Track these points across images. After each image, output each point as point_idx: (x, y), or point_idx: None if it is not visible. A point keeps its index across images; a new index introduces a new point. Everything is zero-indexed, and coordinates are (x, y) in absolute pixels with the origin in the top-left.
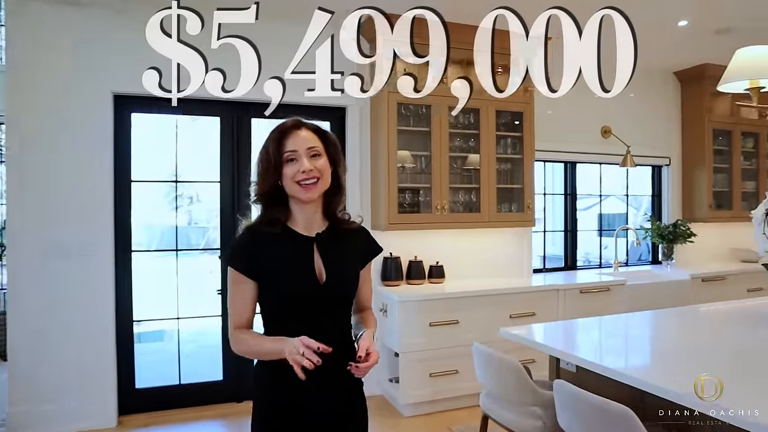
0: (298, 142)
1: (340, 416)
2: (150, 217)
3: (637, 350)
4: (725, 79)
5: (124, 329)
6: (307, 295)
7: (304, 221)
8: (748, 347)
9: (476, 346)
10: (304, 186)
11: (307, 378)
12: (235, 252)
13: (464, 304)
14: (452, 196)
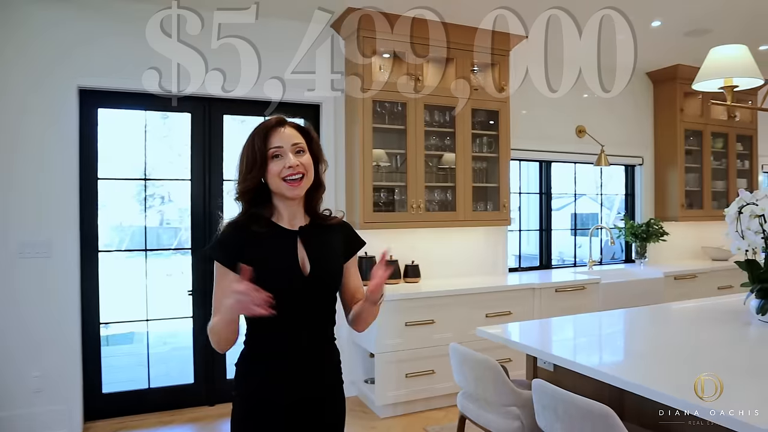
0: (283, 138)
1: (325, 399)
2: (120, 217)
3: (615, 348)
4: (699, 78)
5: (91, 332)
6: (291, 287)
7: (288, 217)
8: (720, 343)
9: (453, 346)
10: (289, 182)
11: (290, 365)
12: (219, 245)
13: (440, 303)
14: (428, 194)
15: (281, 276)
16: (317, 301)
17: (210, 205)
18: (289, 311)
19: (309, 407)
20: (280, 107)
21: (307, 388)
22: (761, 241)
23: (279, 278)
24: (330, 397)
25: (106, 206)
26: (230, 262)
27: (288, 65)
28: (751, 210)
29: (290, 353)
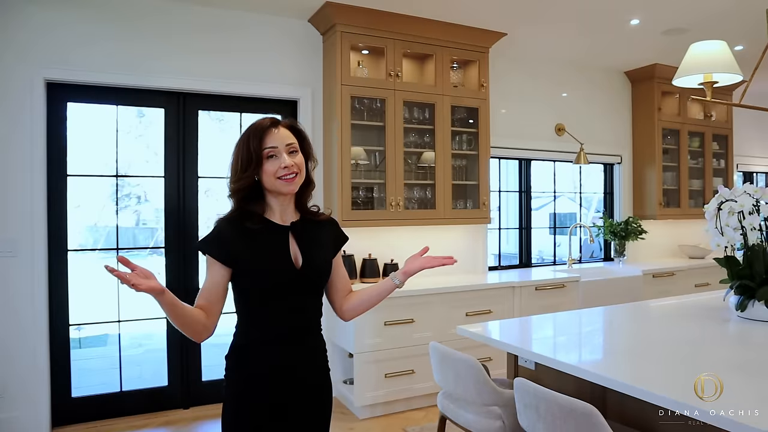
0: (277, 139)
1: (314, 386)
2: (96, 217)
3: (596, 346)
4: (680, 73)
5: (60, 334)
6: (284, 279)
7: (280, 212)
8: (702, 340)
9: (433, 345)
10: (285, 180)
11: (280, 356)
12: (209, 239)
13: (420, 302)
14: (407, 192)
15: (275, 269)
16: (308, 293)
17: (185, 203)
18: (281, 302)
19: (298, 392)
20: (257, 103)
21: (297, 374)
22: (740, 237)
23: (273, 272)
24: (318, 383)
25: (82, 206)
26: (220, 255)
27: (265, 60)
28: (730, 207)
29: (281, 342)
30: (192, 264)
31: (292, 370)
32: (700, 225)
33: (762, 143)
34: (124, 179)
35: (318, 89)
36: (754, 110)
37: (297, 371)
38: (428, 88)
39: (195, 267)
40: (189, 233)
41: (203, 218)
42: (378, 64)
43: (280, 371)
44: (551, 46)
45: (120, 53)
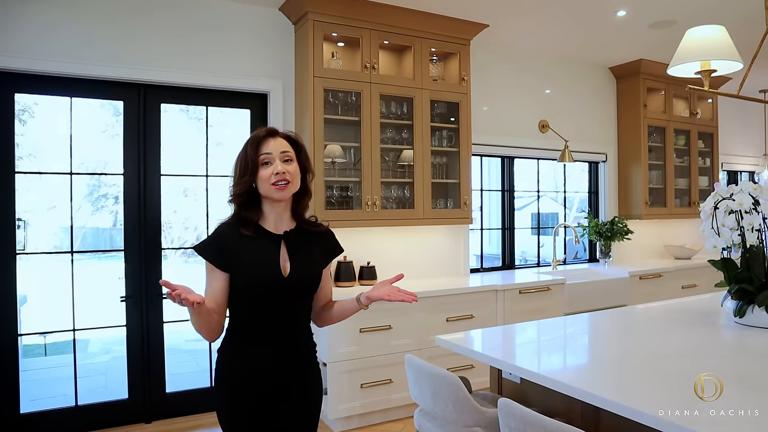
0: (272, 146)
1: (303, 393)
2: (71, 218)
3: (587, 358)
4: (675, 61)
5: (6, 344)
6: (269, 286)
7: (274, 220)
8: (701, 349)
9: (408, 358)
10: (277, 186)
11: (268, 362)
12: (206, 244)
13: (398, 307)
14: (384, 191)
15: (262, 276)
16: (294, 300)
17: (146, 202)
18: (269, 308)
19: (286, 393)
20: (224, 96)
21: (285, 375)
22: (737, 238)
23: (260, 278)
24: (307, 384)
25: (57, 206)
26: (217, 261)
27: (233, 51)
28: (727, 205)
29: (269, 345)
30: (155, 267)
31: (277, 372)
32: (687, 225)
33: (746, 142)
34: (96, 178)
35: (290, 82)
36: (738, 108)
37: (283, 374)
38: (406, 81)
39: (157, 271)
40: (151, 235)
41: (181, 219)
42: (353, 56)
43: (264, 372)
44: (535, 39)
45: (72, 40)
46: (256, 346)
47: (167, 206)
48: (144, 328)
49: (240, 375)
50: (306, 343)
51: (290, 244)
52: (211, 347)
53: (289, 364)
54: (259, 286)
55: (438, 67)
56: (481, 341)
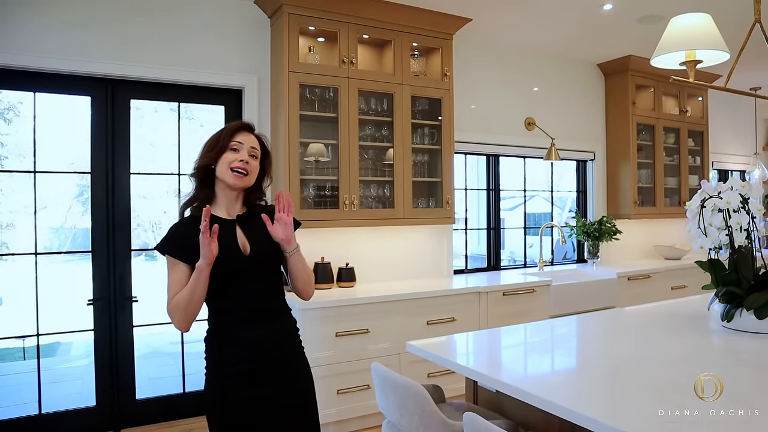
0: (246, 139)
1: (285, 364)
2: (62, 218)
3: (568, 367)
4: (659, 51)
5: None
6: (235, 266)
7: (226, 206)
8: (688, 357)
9: (375, 367)
10: (235, 173)
11: (247, 337)
12: (167, 240)
13: (376, 310)
14: (363, 189)
15: (226, 259)
16: (262, 276)
17: (114, 202)
18: (239, 288)
19: (269, 367)
20: (197, 92)
21: (265, 351)
22: (725, 238)
23: (225, 261)
24: (287, 359)
25: (48, 207)
26: (176, 253)
27: (207, 45)
28: (714, 204)
29: (246, 324)
30: (125, 269)
31: (261, 348)
32: (676, 225)
33: (736, 140)
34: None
35: (265, 77)
36: (729, 106)
37: (263, 349)
38: (386, 76)
39: (128, 273)
40: (120, 236)
41: (170, 219)
42: (332, 51)
43: (249, 351)
44: (520, 34)
45: (35, 33)
46: (238, 326)
47: (157, 206)
48: (112, 332)
49: (229, 355)
50: (288, 319)
51: (244, 226)
52: (184, 351)
53: (273, 341)
54: (224, 269)
55: (420, 63)
56: (455, 348)
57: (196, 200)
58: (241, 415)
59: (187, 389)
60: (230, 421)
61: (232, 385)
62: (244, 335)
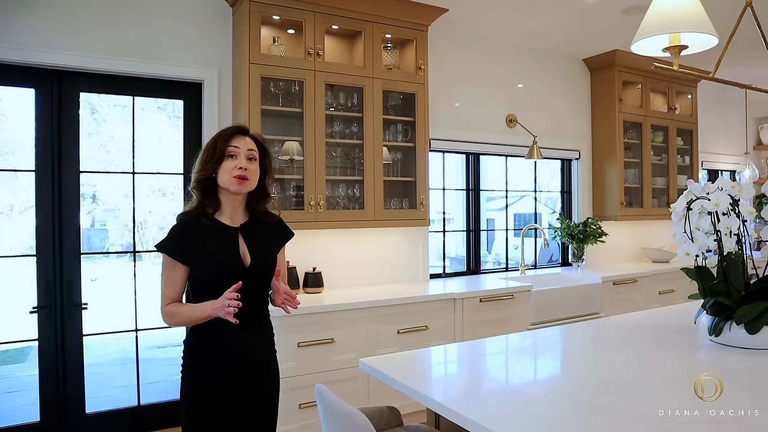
0: (241, 143)
1: (263, 369)
2: None
3: (535, 392)
4: (640, 35)
5: None
6: (234, 275)
7: (230, 213)
8: (672, 379)
9: (318, 389)
10: (237, 179)
11: (232, 341)
12: (169, 240)
13: (342, 318)
14: (331, 190)
15: (225, 267)
16: (255, 287)
17: (61, 201)
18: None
19: (248, 372)
20: (153, 85)
21: (247, 355)
22: (713, 243)
23: (224, 269)
24: (266, 364)
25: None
26: (178, 255)
27: (164, 35)
28: (702, 206)
29: (231, 334)
30: (74, 274)
31: (242, 353)
32: (665, 226)
33: (726, 139)
34: None
35: (227, 70)
36: (719, 104)
37: (246, 354)
38: (356, 69)
39: (77, 278)
40: (69, 239)
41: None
42: (298, 42)
43: (230, 355)
44: (500, 26)
45: None
46: (223, 331)
47: (142, 206)
48: (59, 342)
49: (210, 360)
50: (269, 326)
51: (246, 236)
52: (138, 359)
53: (255, 347)
54: (223, 277)
55: (393, 55)
56: (410, 366)
57: (202, 208)
58: (217, 416)
59: (143, 401)
60: (207, 420)
61: (211, 385)
62: (229, 339)
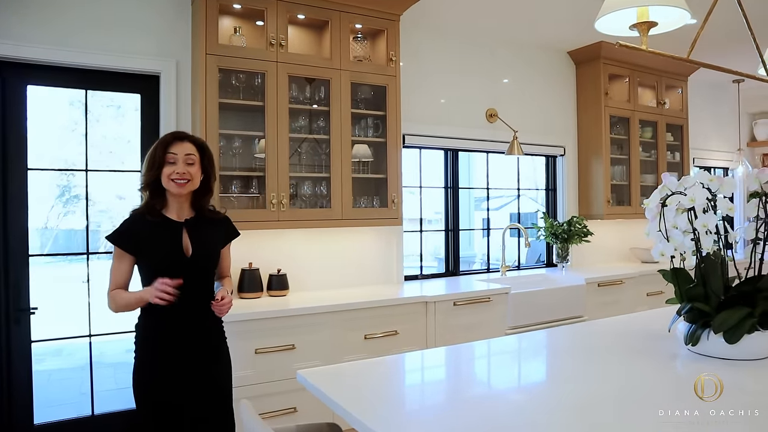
0: (179, 149)
1: (210, 352)
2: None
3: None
4: (604, 10)
5: None
6: (176, 266)
7: (176, 209)
8: (638, 397)
9: (242, 407)
10: (177, 183)
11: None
12: (119, 233)
13: (304, 323)
14: (294, 187)
15: (167, 258)
16: (197, 277)
17: (6, 201)
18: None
19: (196, 361)
20: (107, 77)
21: (194, 344)
22: (690, 243)
23: (166, 259)
24: (214, 352)
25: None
26: (125, 246)
27: (119, 25)
28: (678, 202)
29: (177, 318)
30: (21, 276)
31: (189, 339)
32: None
33: (719, 135)
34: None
35: (186, 62)
36: (711, 99)
37: (193, 340)
38: (321, 61)
39: (25, 281)
40: (15, 241)
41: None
42: (262, 33)
43: (178, 339)
44: (479, 16)
45: None
46: (168, 318)
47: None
48: (3, 348)
49: (156, 343)
50: (212, 314)
51: (190, 230)
52: (92, 366)
53: (199, 332)
54: (166, 266)
55: (364, 47)
56: (353, 377)
57: (151, 207)
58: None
59: (98, 410)
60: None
61: (159, 367)
62: (176, 326)
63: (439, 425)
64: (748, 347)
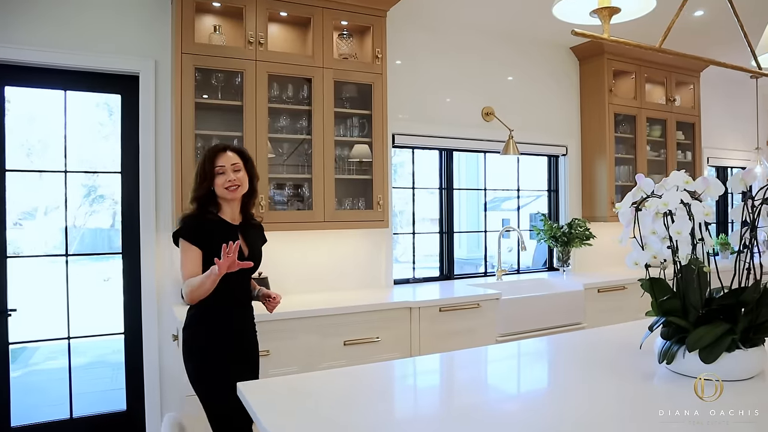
0: (225, 160)
1: (252, 335)
2: (71, 219)
3: None
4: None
5: None
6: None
7: (230, 214)
8: (608, 421)
9: (166, 420)
10: (229, 190)
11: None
12: (186, 229)
13: (280, 329)
14: (274, 189)
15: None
16: (248, 276)
17: None
18: (236, 278)
19: (244, 339)
20: (85, 78)
21: (242, 326)
22: (668, 252)
23: None
24: (255, 337)
25: (60, 207)
26: (194, 240)
27: (97, 24)
28: (655, 206)
29: (232, 306)
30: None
31: (240, 325)
32: None
33: (735, 134)
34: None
35: (165, 61)
36: (726, 95)
37: (242, 326)
38: (303, 59)
39: (2, 282)
40: None
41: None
42: (241, 30)
43: (232, 326)
44: (473, 11)
45: None
46: (227, 309)
47: None
48: None
49: (214, 332)
50: (252, 307)
51: (243, 232)
52: (71, 368)
53: (247, 321)
54: None
55: (350, 44)
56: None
57: (209, 212)
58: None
59: (76, 413)
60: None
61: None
62: (229, 314)
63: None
64: (728, 367)
